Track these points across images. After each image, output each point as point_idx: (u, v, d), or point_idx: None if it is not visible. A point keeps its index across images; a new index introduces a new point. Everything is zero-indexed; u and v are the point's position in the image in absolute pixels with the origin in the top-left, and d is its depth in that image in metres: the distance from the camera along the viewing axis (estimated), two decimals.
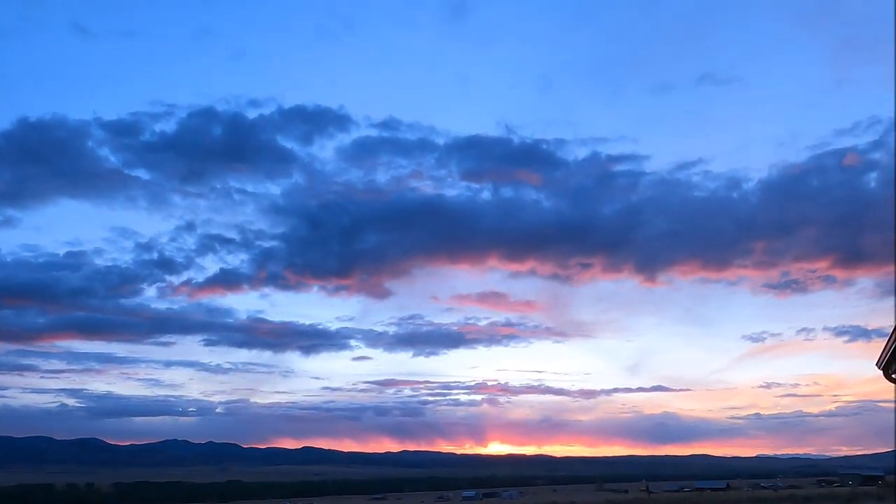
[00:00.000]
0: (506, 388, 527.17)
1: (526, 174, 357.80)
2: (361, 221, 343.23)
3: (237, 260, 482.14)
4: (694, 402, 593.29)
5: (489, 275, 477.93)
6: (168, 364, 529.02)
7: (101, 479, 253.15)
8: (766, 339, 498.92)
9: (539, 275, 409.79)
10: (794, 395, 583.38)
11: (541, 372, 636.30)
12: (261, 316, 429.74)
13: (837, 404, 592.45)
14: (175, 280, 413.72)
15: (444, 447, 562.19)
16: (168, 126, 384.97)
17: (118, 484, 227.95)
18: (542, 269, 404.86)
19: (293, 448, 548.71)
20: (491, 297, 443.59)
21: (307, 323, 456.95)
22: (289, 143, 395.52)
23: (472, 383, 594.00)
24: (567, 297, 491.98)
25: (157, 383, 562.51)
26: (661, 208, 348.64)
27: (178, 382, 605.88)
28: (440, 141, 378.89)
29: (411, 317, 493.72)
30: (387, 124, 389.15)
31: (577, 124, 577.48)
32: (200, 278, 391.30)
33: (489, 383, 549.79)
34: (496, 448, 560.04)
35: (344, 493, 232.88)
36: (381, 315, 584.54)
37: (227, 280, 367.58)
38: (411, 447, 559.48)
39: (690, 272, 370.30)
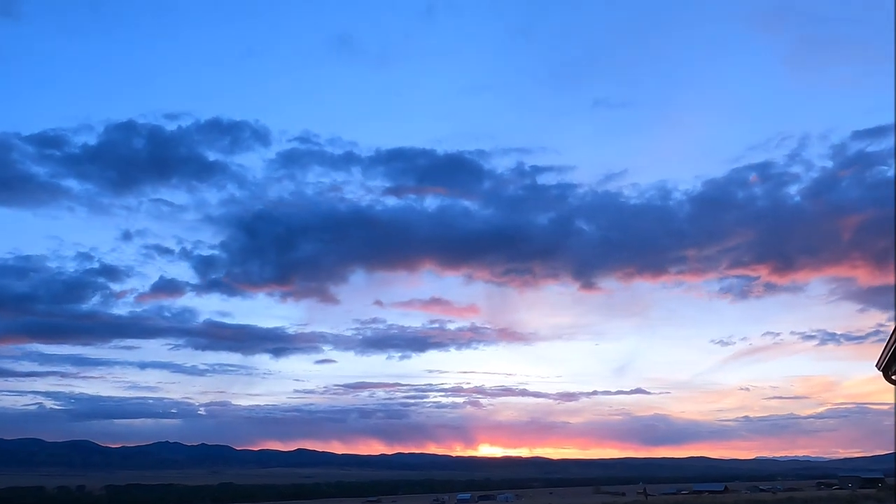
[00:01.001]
0: (482, 391, 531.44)
1: (453, 184, 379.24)
2: (298, 230, 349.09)
3: (180, 268, 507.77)
4: (678, 404, 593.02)
5: (427, 282, 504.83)
6: (142, 366, 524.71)
7: (92, 481, 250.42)
8: (735, 342, 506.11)
9: (477, 281, 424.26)
10: (781, 398, 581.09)
11: (511, 375, 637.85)
12: (219, 320, 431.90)
13: (825, 407, 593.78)
14: (122, 287, 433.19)
15: (434, 449, 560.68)
16: (90, 139, 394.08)
17: (110, 486, 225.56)
18: (479, 276, 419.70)
19: (286, 450, 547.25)
20: (434, 304, 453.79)
21: (266, 327, 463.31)
22: (216, 155, 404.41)
23: (447, 386, 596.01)
24: (512, 302, 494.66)
25: (134, 385, 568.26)
26: (592, 217, 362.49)
27: (153, 384, 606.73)
28: (365, 154, 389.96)
29: (373, 320, 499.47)
30: (305, 138, 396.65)
31: (496, 137, 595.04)
32: (147, 286, 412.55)
33: (464, 386, 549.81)
34: (487, 450, 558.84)
35: (338, 496, 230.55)
36: (335, 321, 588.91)
37: (176, 287, 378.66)
38: (399, 449, 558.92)
39: (627, 279, 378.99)
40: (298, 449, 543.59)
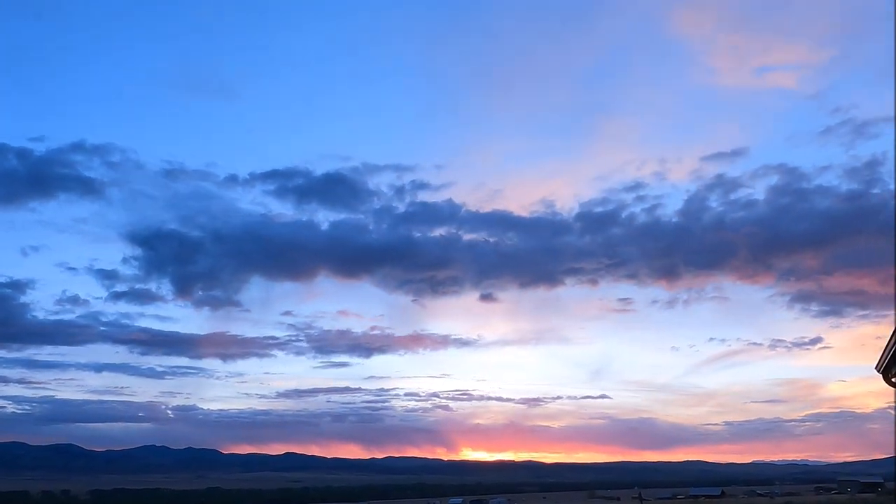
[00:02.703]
0: (440, 395, 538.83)
1: (341, 201, 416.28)
2: (202, 245, 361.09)
3: (87, 281, 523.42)
4: (662, 408, 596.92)
5: (332, 292, 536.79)
6: (98, 368, 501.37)
7: (77, 485, 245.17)
8: (681, 348, 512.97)
9: (378, 291, 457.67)
10: (757, 402, 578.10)
11: (459, 379, 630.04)
12: (150, 327, 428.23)
13: (808, 411, 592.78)
14: (36, 297, 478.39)
15: (413, 452, 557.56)
16: None
17: (95, 491, 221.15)
18: (379, 287, 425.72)
19: (273, 454, 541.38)
20: (342, 314, 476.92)
21: (202, 333, 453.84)
22: (97, 174, 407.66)
23: (403, 391, 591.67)
24: (418, 312, 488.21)
25: (94, 389, 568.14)
26: (482, 230, 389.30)
27: (113, 387, 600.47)
28: (245, 173, 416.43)
29: (308, 326, 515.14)
30: (178, 161, 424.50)
31: (365, 157, 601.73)
32: (56, 297, 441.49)
33: (420, 393, 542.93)
34: (474, 454, 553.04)
35: (327, 500, 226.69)
36: (262, 327, 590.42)
37: (81, 300, 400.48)
38: (376, 453, 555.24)
39: (524, 289, 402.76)
40: (286, 453, 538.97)
